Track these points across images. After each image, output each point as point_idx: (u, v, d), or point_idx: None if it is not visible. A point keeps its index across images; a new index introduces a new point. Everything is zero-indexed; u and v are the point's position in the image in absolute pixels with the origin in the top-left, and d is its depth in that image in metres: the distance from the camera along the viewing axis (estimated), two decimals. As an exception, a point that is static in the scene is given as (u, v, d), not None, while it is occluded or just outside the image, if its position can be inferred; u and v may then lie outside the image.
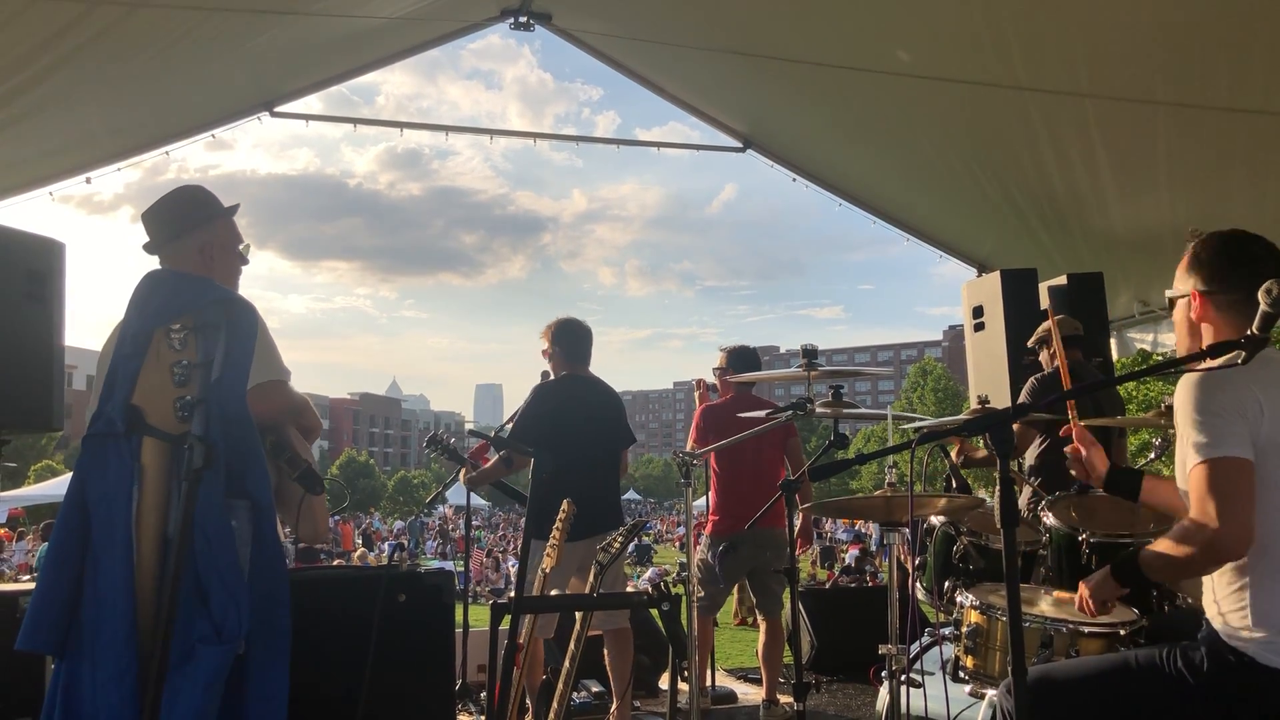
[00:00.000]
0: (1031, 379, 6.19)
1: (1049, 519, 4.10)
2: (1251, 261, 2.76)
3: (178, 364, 2.73)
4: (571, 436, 5.45)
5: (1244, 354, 2.38)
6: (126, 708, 2.58)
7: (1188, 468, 2.59)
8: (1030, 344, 6.46)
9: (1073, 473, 3.28)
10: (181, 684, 2.58)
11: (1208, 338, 2.77)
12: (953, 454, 5.31)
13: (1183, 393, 2.63)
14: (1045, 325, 6.34)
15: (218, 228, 3.36)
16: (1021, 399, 6.27)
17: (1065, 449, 3.27)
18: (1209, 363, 2.50)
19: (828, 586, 16.81)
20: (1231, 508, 2.50)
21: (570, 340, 5.84)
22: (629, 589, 8.32)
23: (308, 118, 8.41)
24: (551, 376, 5.89)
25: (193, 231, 3.28)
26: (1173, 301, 2.91)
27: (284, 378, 3.35)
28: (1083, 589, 2.97)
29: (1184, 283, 2.85)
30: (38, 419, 5.24)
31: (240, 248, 3.43)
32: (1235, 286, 2.72)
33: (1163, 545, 2.66)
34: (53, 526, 2.89)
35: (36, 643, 2.71)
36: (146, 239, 3.29)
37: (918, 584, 4.69)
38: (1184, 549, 2.58)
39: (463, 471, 5.89)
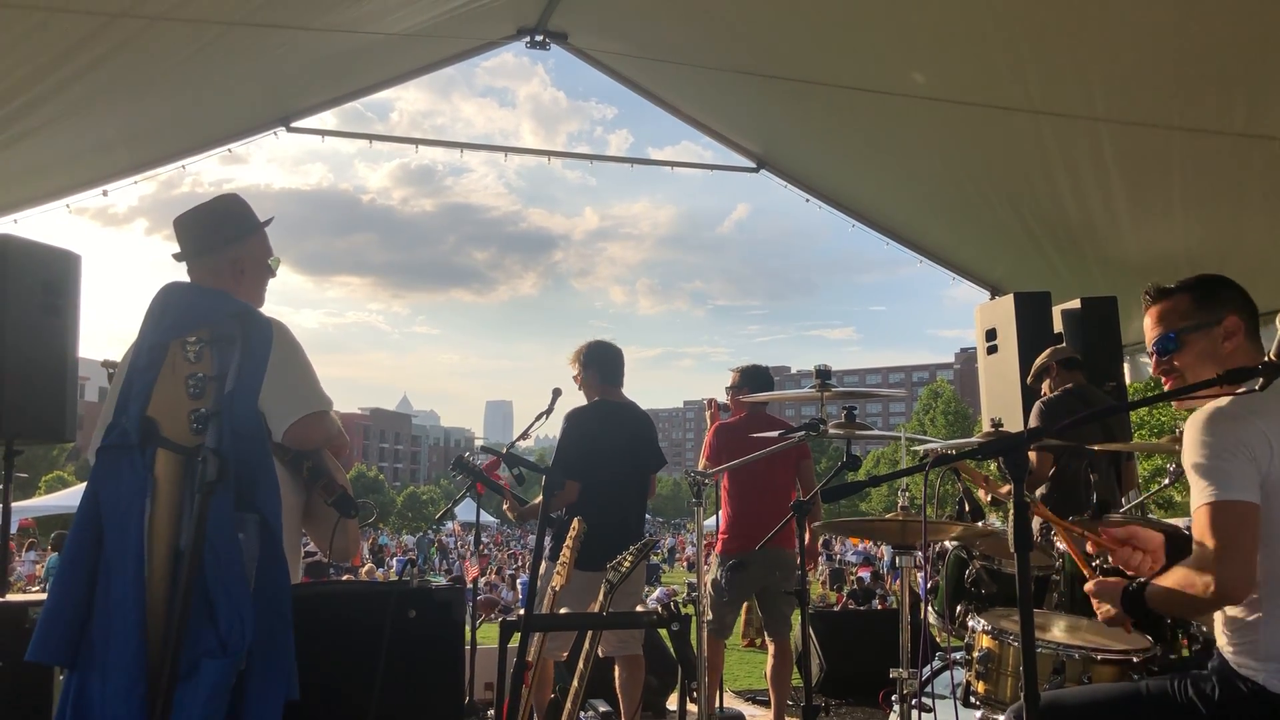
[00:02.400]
0: (1037, 404, 6.17)
1: (1062, 544, 4.08)
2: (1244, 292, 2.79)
3: (192, 376, 2.74)
4: (607, 461, 5.47)
5: (1261, 380, 2.37)
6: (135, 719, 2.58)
7: (1192, 508, 2.57)
8: (1030, 381, 6.46)
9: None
10: (185, 697, 2.57)
11: (1219, 370, 2.72)
12: (980, 494, 5.28)
13: (1191, 432, 2.60)
14: (1042, 358, 6.34)
15: (252, 241, 3.35)
16: (1030, 424, 6.25)
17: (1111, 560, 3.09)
18: (1225, 389, 2.48)
19: (837, 609, 16.72)
20: (1233, 554, 2.48)
21: (604, 363, 5.85)
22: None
23: (323, 133, 8.43)
24: (563, 393, 5.87)
25: (229, 245, 3.27)
26: (1179, 335, 2.81)
27: (327, 408, 3.36)
28: (1098, 600, 2.92)
29: (1193, 317, 2.79)
30: (50, 429, 5.27)
31: (270, 261, 3.43)
32: (1254, 315, 2.71)
33: (1168, 583, 2.63)
34: (64, 538, 2.89)
35: (45, 654, 2.71)
36: (178, 248, 3.29)
37: (929, 607, 4.67)
38: (1187, 592, 2.56)
39: (505, 504, 5.86)
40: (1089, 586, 2.91)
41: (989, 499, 5.45)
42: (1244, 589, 2.51)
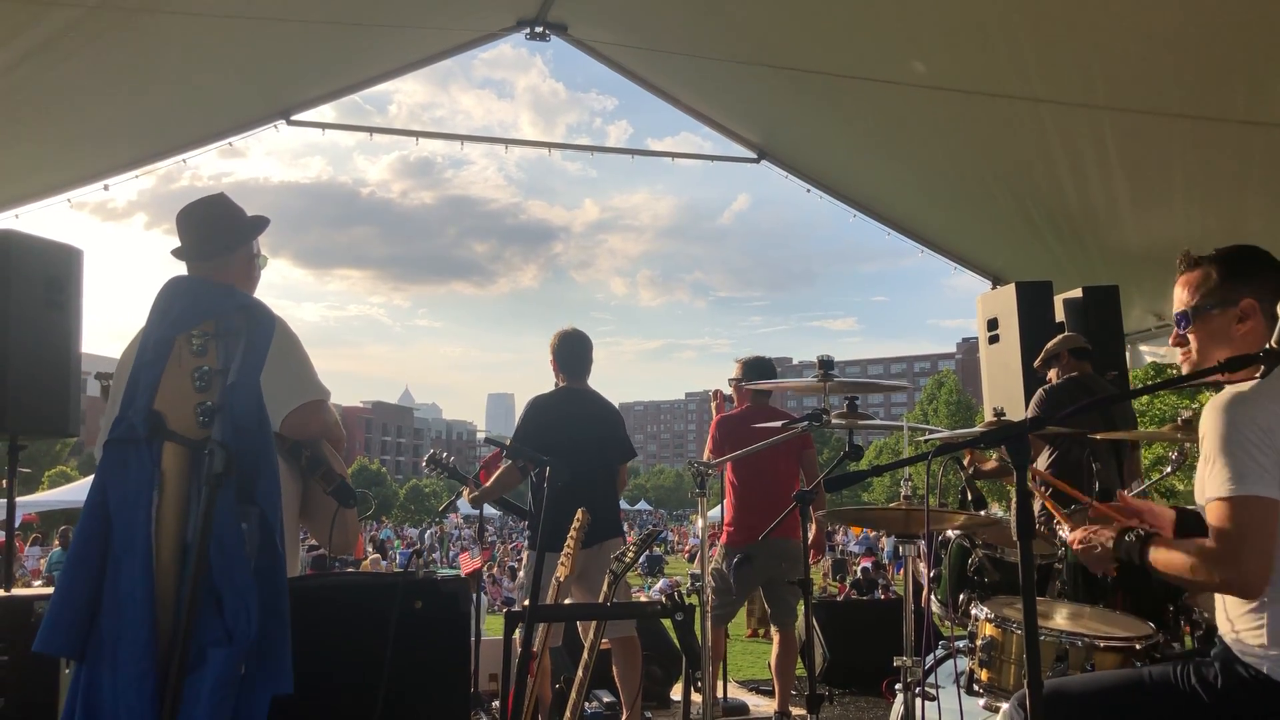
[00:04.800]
0: (1040, 390, 6.19)
1: (1065, 532, 4.09)
2: (1276, 269, 2.75)
3: (198, 370, 2.75)
4: (564, 451, 5.45)
5: (1264, 368, 2.36)
6: (147, 711, 2.59)
7: (1208, 497, 2.55)
8: (1038, 365, 6.46)
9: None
10: (192, 687, 2.59)
11: (1224, 355, 2.71)
12: (964, 462, 5.31)
13: (1209, 418, 2.57)
14: (1051, 344, 6.35)
15: (250, 244, 3.50)
16: (1030, 411, 6.27)
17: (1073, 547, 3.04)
18: (1226, 377, 2.48)
19: (840, 599, 16.75)
20: (1251, 549, 2.45)
21: (565, 353, 5.84)
22: (640, 599, 8.31)
23: (324, 126, 8.43)
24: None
25: (243, 245, 3.43)
26: (1199, 311, 2.82)
27: (324, 397, 3.40)
28: (1076, 535, 2.91)
29: (1213, 294, 2.78)
30: (54, 424, 5.28)
31: (257, 259, 3.52)
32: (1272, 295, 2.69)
33: (1180, 556, 2.59)
34: (72, 532, 2.91)
35: (52, 645, 2.72)
36: (178, 243, 3.34)
37: (932, 596, 4.68)
38: (1201, 574, 2.53)
39: (465, 490, 5.89)
40: (1074, 535, 2.89)
41: (969, 468, 5.46)
42: (1261, 585, 2.49)
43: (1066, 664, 3.29)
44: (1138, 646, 3.25)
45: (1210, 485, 2.54)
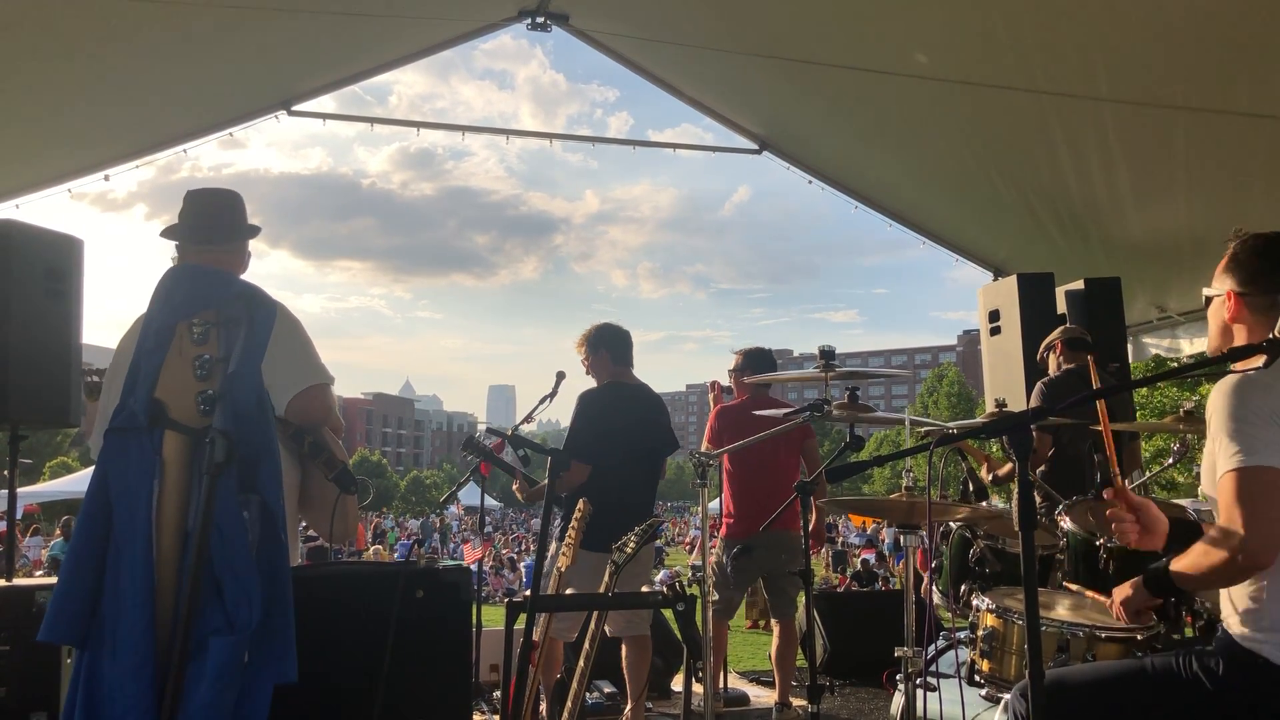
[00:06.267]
0: (1039, 384, 6.18)
1: (1066, 523, 4.09)
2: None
3: (199, 358, 2.75)
4: (618, 444, 5.45)
5: (1265, 358, 2.36)
6: (146, 699, 2.59)
7: (1218, 474, 2.55)
8: (1039, 356, 6.46)
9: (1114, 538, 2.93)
10: (193, 675, 2.59)
11: (1239, 340, 2.73)
12: (981, 472, 5.28)
13: (1217, 398, 2.57)
14: (1051, 336, 6.34)
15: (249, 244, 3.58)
16: (1031, 404, 6.26)
17: (1107, 514, 3.06)
18: (1231, 366, 2.48)
19: (841, 590, 16.76)
20: (1260, 517, 2.45)
21: (615, 344, 5.82)
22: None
23: (325, 116, 8.41)
24: (567, 376, 5.86)
25: (242, 239, 3.49)
26: (1209, 300, 2.86)
27: (328, 381, 3.40)
28: (1115, 598, 2.94)
29: (1221, 282, 2.80)
30: (55, 414, 5.28)
31: None
32: (1270, 289, 2.68)
33: (1192, 555, 2.61)
34: (74, 521, 2.91)
35: (57, 635, 2.72)
36: (189, 228, 3.40)
37: (934, 587, 4.68)
38: (1212, 559, 2.53)
39: (515, 484, 5.86)
40: (1115, 607, 2.93)
41: (989, 477, 5.46)
42: (1272, 552, 2.48)
43: (1068, 654, 3.29)
44: (1139, 637, 3.25)
45: (1220, 461, 2.54)
